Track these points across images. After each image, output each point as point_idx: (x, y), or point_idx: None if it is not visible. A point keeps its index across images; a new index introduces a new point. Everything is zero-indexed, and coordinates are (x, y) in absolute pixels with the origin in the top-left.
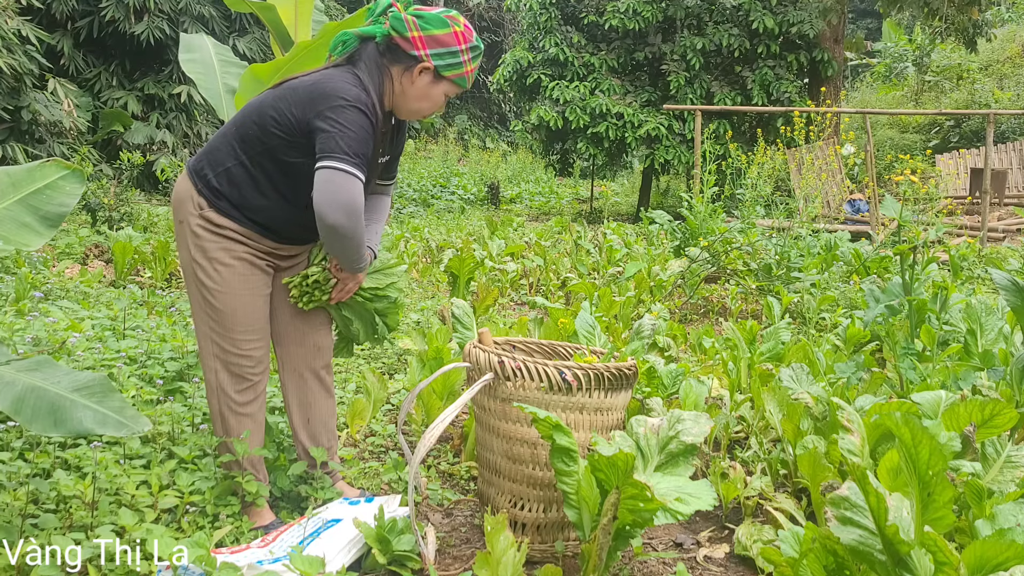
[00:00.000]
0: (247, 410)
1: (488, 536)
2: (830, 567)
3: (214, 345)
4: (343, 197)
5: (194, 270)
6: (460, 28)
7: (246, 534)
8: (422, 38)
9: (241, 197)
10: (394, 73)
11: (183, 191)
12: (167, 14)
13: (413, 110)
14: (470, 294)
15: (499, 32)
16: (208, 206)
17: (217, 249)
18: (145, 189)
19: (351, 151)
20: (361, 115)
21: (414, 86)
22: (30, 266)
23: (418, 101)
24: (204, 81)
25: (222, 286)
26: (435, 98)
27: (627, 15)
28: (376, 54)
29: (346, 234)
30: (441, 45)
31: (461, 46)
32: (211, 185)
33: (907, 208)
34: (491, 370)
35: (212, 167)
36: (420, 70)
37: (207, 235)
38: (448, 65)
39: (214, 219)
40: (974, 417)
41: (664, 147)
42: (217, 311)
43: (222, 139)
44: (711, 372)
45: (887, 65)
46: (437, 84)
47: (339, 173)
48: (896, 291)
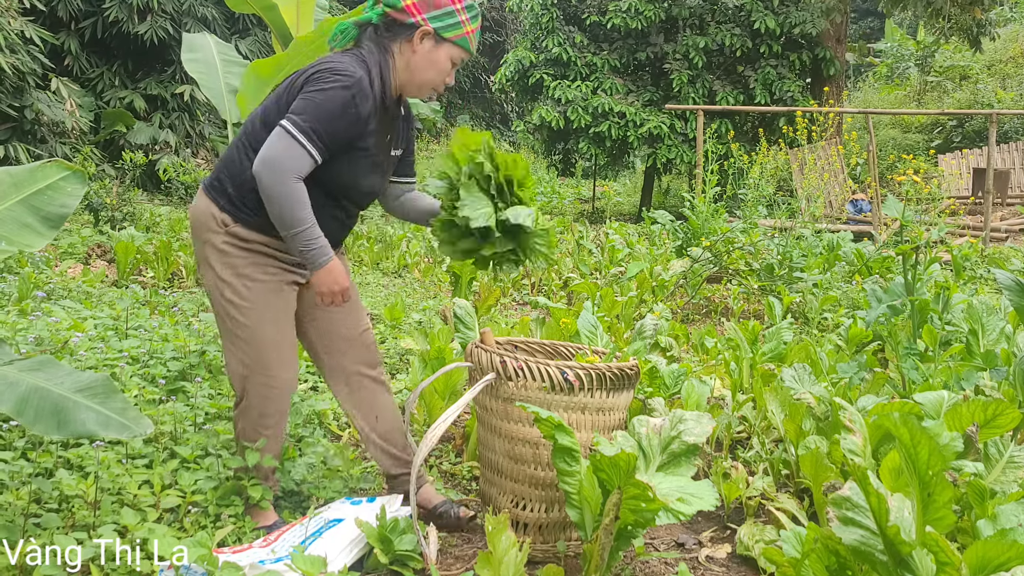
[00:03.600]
0: (268, 431)
1: (490, 536)
2: (832, 567)
3: (244, 367)
4: (273, 153)
5: (221, 291)
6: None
7: (248, 534)
8: (415, 3)
9: (261, 210)
10: (395, 49)
11: (203, 210)
12: (170, 14)
13: (422, 82)
14: (472, 294)
15: (501, 32)
16: (234, 221)
17: (247, 265)
18: (148, 189)
19: (308, 120)
20: (342, 91)
21: (416, 55)
22: (33, 266)
23: (424, 71)
24: (207, 80)
25: (252, 303)
26: (441, 64)
27: (629, 14)
28: (375, 35)
29: (267, 191)
30: (435, 7)
31: (456, 5)
32: (233, 198)
33: (910, 208)
34: (493, 370)
35: (231, 179)
36: (421, 35)
37: (235, 251)
38: (447, 26)
39: (242, 234)
40: (976, 417)
41: (666, 147)
42: (246, 329)
43: (234, 150)
44: (713, 372)
45: (889, 65)
46: (439, 48)
47: (284, 134)
48: (898, 291)
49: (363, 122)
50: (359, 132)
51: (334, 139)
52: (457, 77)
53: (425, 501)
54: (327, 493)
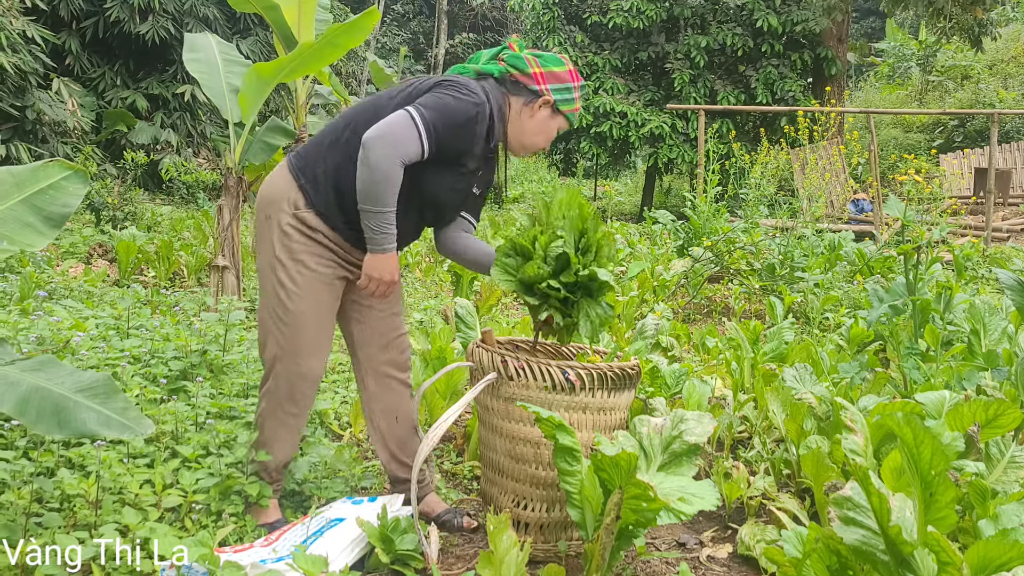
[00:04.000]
0: (291, 419)
1: (491, 535)
2: (833, 567)
3: (279, 348)
4: (391, 130)
5: (274, 268)
6: (572, 67)
7: (249, 533)
8: (543, 74)
9: (343, 198)
10: (513, 103)
11: (280, 186)
12: (172, 14)
13: (528, 144)
14: (473, 293)
15: (502, 32)
16: (305, 206)
17: (305, 252)
18: (149, 189)
19: (432, 116)
20: (472, 106)
21: (533, 119)
22: (34, 265)
23: (534, 135)
24: (208, 80)
25: (302, 290)
26: (550, 132)
27: (631, 14)
28: (495, 84)
29: (371, 163)
30: (559, 81)
31: (574, 83)
32: (317, 183)
33: (911, 208)
34: (494, 370)
35: (319, 163)
36: (541, 104)
37: (298, 236)
38: (564, 100)
39: (309, 220)
40: (978, 417)
41: (667, 146)
42: (290, 314)
43: (332, 134)
44: (714, 372)
45: (891, 65)
46: (554, 119)
47: (408, 118)
48: (900, 291)
49: (474, 142)
50: (467, 150)
51: (445, 145)
52: None
53: (429, 509)
54: (328, 493)
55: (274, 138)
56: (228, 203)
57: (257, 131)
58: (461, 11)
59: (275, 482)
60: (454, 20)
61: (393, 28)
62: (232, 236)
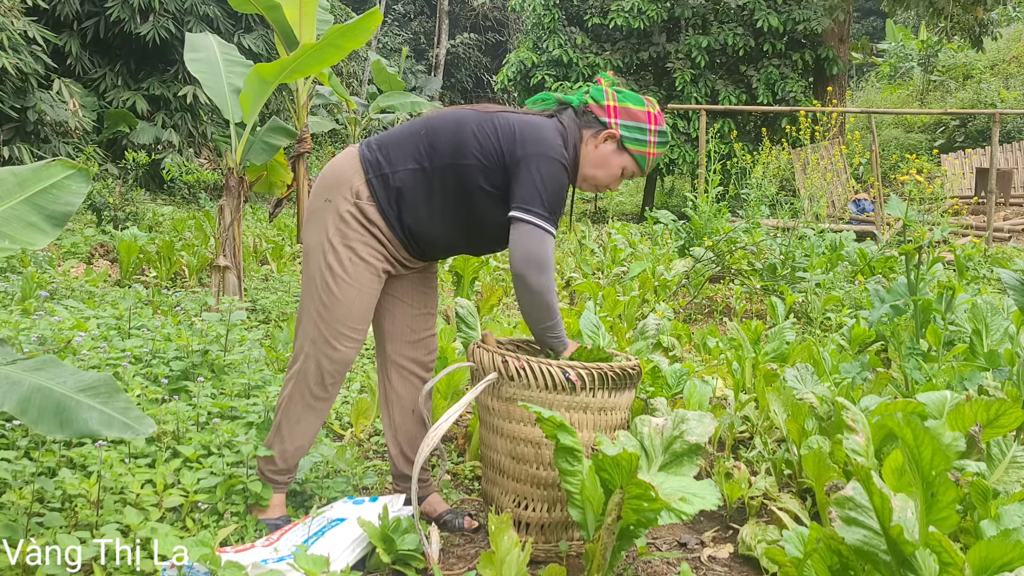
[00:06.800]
0: (319, 404)
1: (492, 535)
2: (834, 567)
3: (316, 330)
4: (536, 251)
5: (324, 251)
6: (654, 110)
7: (251, 533)
8: (616, 107)
9: (405, 201)
10: (584, 134)
11: (347, 171)
12: (172, 14)
13: (587, 176)
14: (474, 294)
15: (503, 32)
16: (369, 199)
17: (358, 241)
18: (150, 189)
19: (548, 208)
20: (563, 171)
21: (597, 151)
22: (36, 265)
23: (595, 167)
24: (209, 81)
25: (350, 278)
26: (612, 168)
27: (632, 14)
28: (573, 115)
29: (534, 288)
30: (632, 118)
31: (651, 126)
32: (385, 179)
33: (912, 208)
34: (495, 370)
35: (391, 162)
36: (606, 136)
37: (355, 224)
38: (633, 139)
39: (369, 213)
40: (979, 417)
41: (669, 146)
42: (334, 299)
43: (410, 137)
44: (715, 372)
45: (892, 65)
46: (618, 155)
47: (536, 229)
48: (901, 291)
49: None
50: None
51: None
52: (459, 77)
53: (431, 509)
54: (330, 492)
55: (275, 138)
56: (229, 203)
57: (258, 131)
58: (462, 11)
59: (287, 472)
60: (455, 20)
61: (394, 28)
62: (233, 236)
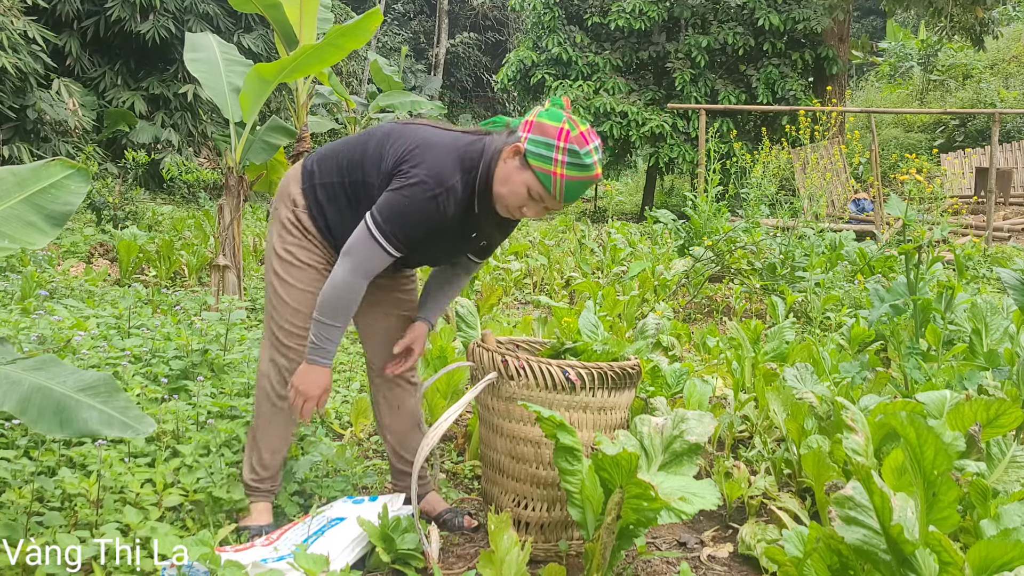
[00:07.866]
0: (283, 404)
1: (492, 535)
2: (834, 567)
3: (270, 331)
4: (361, 253)
5: (270, 257)
6: (571, 128)
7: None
8: (532, 122)
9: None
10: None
11: (290, 181)
12: (172, 13)
13: (496, 194)
14: (474, 293)
15: (503, 31)
16: (304, 207)
17: (296, 246)
18: (150, 188)
19: (393, 226)
20: (429, 201)
21: (504, 165)
22: (35, 264)
23: (500, 184)
24: (209, 80)
25: (293, 279)
26: (514, 186)
27: (633, 15)
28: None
29: (339, 279)
30: (542, 133)
31: (560, 142)
32: (314, 189)
33: (912, 207)
34: (495, 369)
35: (320, 174)
36: (513, 151)
37: (294, 231)
38: (537, 155)
39: (303, 221)
40: (979, 417)
41: (668, 146)
42: (282, 301)
43: (342, 149)
44: (715, 371)
45: (892, 64)
46: (521, 172)
47: (371, 239)
48: (901, 290)
49: (446, 219)
50: (440, 228)
51: (414, 238)
52: (459, 76)
53: (430, 508)
54: (329, 492)
55: (275, 138)
56: (229, 202)
57: (258, 131)
58: (462, 11)
59: (269, 480)
60: (455, 19)
61: (394, 27)
62: (233, 235)
